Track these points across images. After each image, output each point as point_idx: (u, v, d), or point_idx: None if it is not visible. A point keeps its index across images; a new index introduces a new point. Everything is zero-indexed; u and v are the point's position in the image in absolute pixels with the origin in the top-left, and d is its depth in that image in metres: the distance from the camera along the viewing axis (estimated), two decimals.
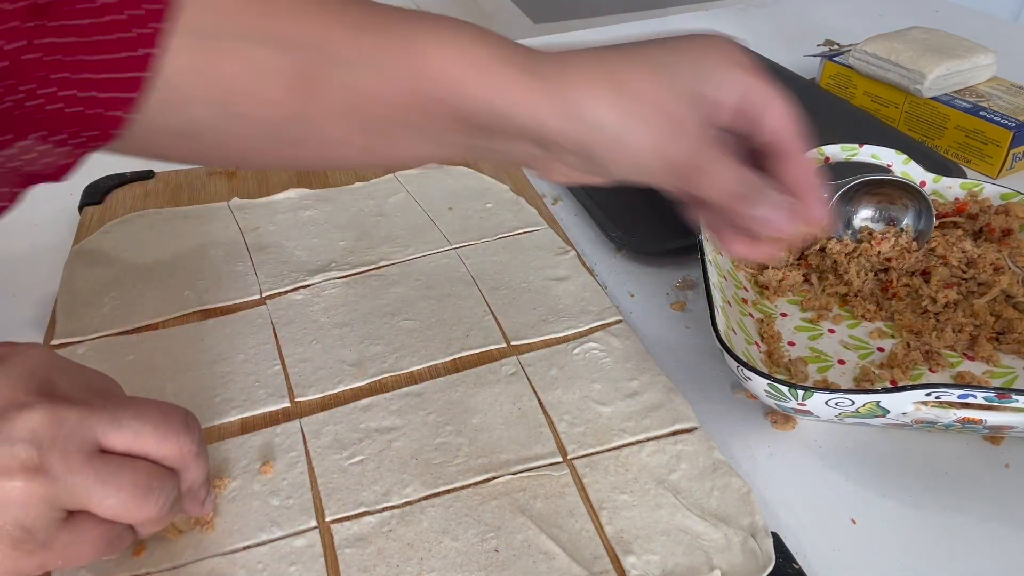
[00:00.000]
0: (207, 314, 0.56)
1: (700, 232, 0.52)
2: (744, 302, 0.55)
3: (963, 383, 0.49)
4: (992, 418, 0.41)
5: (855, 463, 0.45)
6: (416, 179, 0.71)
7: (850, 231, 0.59)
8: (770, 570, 0.38)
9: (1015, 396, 0.39)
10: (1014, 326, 0.52)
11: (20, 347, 0.33)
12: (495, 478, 0.43)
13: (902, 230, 0.58)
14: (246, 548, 0.40)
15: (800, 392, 0.41)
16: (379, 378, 0.50)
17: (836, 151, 0.61)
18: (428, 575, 0.38)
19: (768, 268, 0.57)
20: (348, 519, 0.41)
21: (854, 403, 0.41)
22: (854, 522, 0.42)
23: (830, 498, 0.43)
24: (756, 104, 0.36)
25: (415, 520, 0.41)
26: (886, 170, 0.61)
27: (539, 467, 0.44)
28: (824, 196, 0.39)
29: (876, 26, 0.90)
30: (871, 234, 0.57)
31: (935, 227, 0.57)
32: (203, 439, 0.36)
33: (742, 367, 0.43)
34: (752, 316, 0.54)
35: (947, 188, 0.61)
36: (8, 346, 0.33)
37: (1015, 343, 0.51)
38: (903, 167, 0.61)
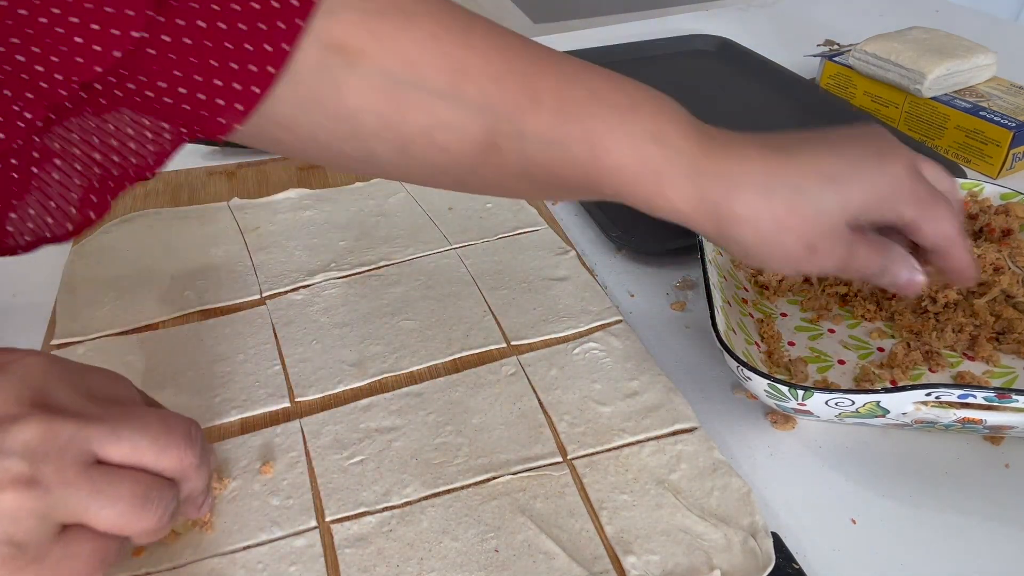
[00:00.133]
0: (207, 314, 0.56)
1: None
2: (744, 302, 0.55)
3: (963, 383, 0.49)
4: (992, 418, 0.41)
5: (855, 463, 0.45)
6: None
7: None
8: (770, 570, 0.38)
9: (1015, 396, 0.39)
10: (1014, 326, 0.52)
11: (16, 355, 0.32)
12: (495, 478, 0.43)
13: None
14: (246, 548, 0.40)
15: (800, 392, 0.41)
16: (379, 378, 0.50)
17: None
18: (428, 575, 0.38)
19: None
20: (348, 519, 0.41)
21: (854, 403, 0.41)
22: (854, 522, 0.42)
23: (830, 498, 0.43)
24: (921, 234, 0.39)
25: (415, 520, 0.41)
26: None
27: (539, 467, 0.44)
28: (971, 250, 0.42)
29: (876, 26, 0.90)
30: None
31: None
32: (207, 448, 0.35)
33: (742, 367, 0.43)
34: (752, 316, 0.54)
35: None
36: (4, 353, 0.32)
37: (1015, 343, 0.51)
38: None
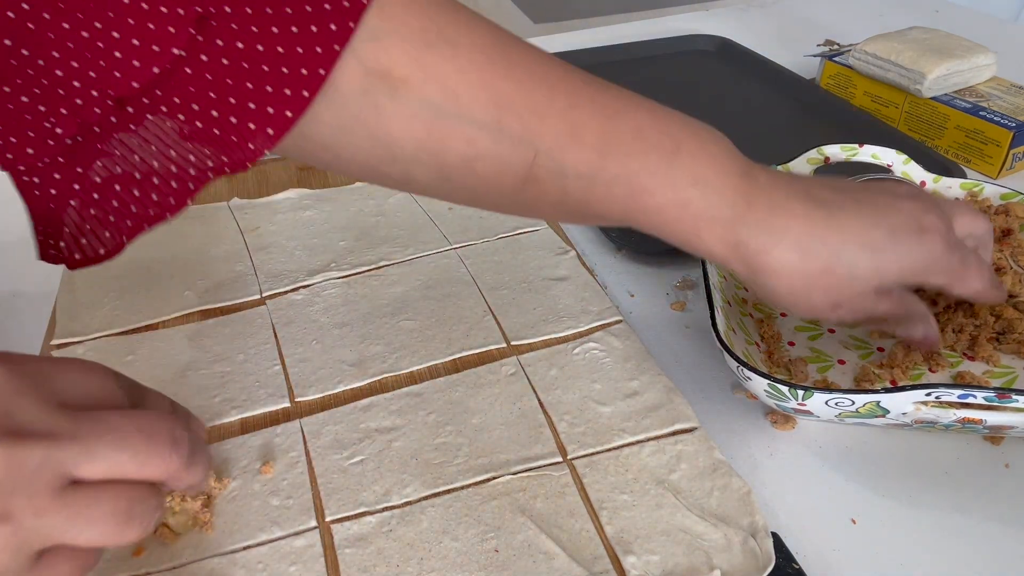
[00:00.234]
0: (207, 314, 0.56)
1: None
2: (744, 302, 0.55)
3: (963, 383, 0.49)
4: (992, 418, 0.41)
5: (855, 463, 0.45)
6: None
7: None
8: (770, 570, 0.38)
9: (1015, 396, 0.39)
10: (1014, 326, 0.51)
11: None
12: (495, 478, 0.43)
13: None
14: (246, 548, 0.40)
15: (800, 392, 0.41)
16: (379, 378, 0.50)
17: (836, 151, 0.61)
18: (428, 575, 0.38)
19: None
20: (348, 519, 0.41)
21: (854, 403, 0.41)
22: (854, 522, 0.42)
23: (830, 498, 0.43)
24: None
25: (415, 520, 0.41)
26: (886, 170, 0.61)
27: (539, 467, 0.44)
28: (999, 285, 0.46)
29: (876, 26, 0.90)
30: None
31: None
32: (198, 443, 0.33)
33: (742, 367, 0.43)
34: (752, 316, 0.54)
35: (947, 188, 0.61)
36: None
37: (1015, 343, 0.51)
38: (903, 167, 0.61)
